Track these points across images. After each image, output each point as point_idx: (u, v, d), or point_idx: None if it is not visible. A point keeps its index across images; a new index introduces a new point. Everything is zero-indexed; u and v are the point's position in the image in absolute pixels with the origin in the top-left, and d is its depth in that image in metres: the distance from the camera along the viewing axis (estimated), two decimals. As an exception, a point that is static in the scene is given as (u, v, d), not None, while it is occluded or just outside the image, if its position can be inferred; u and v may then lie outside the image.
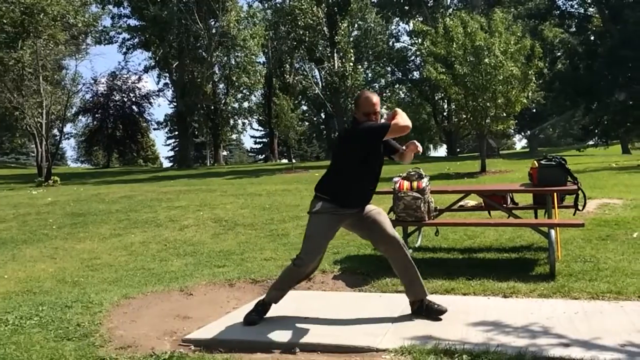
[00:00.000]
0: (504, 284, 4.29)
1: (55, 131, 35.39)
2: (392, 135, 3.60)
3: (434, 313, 3.66)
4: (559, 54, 34.09)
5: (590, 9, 34.52)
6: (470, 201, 6.11)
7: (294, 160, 30.48)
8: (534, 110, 32.69)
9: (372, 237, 3.82)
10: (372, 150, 3.69)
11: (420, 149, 3.77)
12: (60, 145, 47.44)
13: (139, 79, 37.84)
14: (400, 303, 4.01)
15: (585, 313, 3.62)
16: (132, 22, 34.31)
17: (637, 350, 2.97)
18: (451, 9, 33.42)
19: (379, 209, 3.84)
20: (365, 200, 3.78)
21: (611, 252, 4.97)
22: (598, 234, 5.58)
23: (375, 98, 3.72)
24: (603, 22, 31.77)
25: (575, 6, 34.90)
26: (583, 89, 29.38)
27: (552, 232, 4.59)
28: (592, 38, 32.86)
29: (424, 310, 3.70)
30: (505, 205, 5.55)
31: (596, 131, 35.24)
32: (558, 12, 34.29)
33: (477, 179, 13.83)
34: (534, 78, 15.52)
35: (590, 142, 37.40)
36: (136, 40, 35.06)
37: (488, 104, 14.70)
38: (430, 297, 3.78)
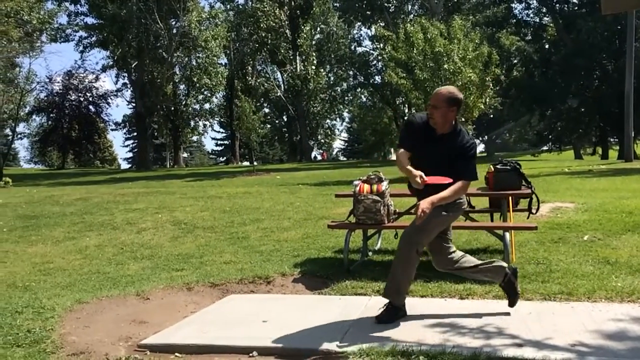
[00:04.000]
0: (460, 286, 4.37)
1: (8, 131, 34.39)
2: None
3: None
4: (515, 61, 35.03)
5: (545, 19, 35.64)
6: (429, 204, 6.17)
7: (255, 163, 30.31)
8: (491, 116, 33.46)
9: None
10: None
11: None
12: (13, 146, 46.07)
13: (97, 79, 36.88)
14: (359, 305, 4.04)
15: (537, 314, 3.72)
16: (90, 20, 33.45)
17: (587, 350, 3.06)
18: (412, 15, 33.87)
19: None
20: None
21: (563, 255, 5.11)
22: (551, 237, 5.73)
23: (439, 92, 3.75)
24: (557, 32, 32.84)
25: (531, 15, 36.00)
26: (538, 96, 30.25)
27: (507, 235, 4.69)
28: (546, 46, 33.91)
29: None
30: (462, 209, 5.64)
31: (550, 137, 36.40)
32: (514, 20, 35.28)
33: (436, 182, 14.05)
34: (491, 84, 15.86)
35: (545, 148, 38.59)
36: (94, 38, 34.15)
37: (447, 109, 14.93)
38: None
